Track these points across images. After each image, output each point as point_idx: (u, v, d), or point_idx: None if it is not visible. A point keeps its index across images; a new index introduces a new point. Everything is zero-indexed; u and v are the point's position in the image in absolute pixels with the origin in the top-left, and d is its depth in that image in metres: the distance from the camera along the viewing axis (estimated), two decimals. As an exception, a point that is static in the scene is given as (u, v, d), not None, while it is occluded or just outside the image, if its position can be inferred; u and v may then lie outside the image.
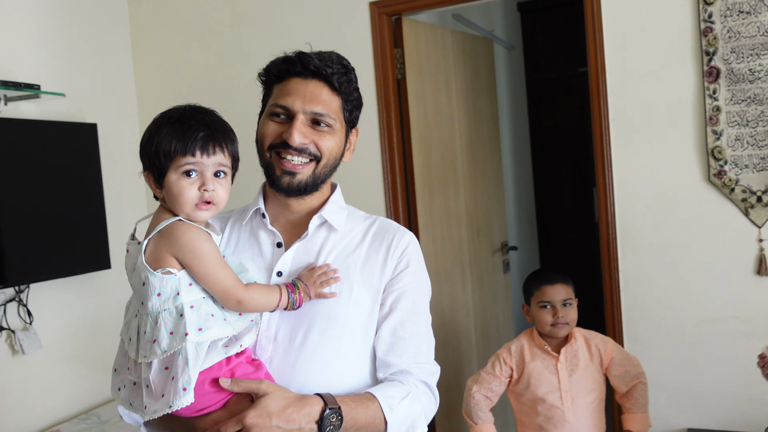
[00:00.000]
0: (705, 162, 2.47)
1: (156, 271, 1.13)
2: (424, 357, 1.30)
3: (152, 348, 1.11)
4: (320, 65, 1.25)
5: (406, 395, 1.22)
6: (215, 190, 1.16)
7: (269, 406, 1.10)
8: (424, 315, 1.32)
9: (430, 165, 3.08)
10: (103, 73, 3.26)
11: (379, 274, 1.28)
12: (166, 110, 1.22)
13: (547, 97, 5.40)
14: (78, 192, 2.90)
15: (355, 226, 1.33)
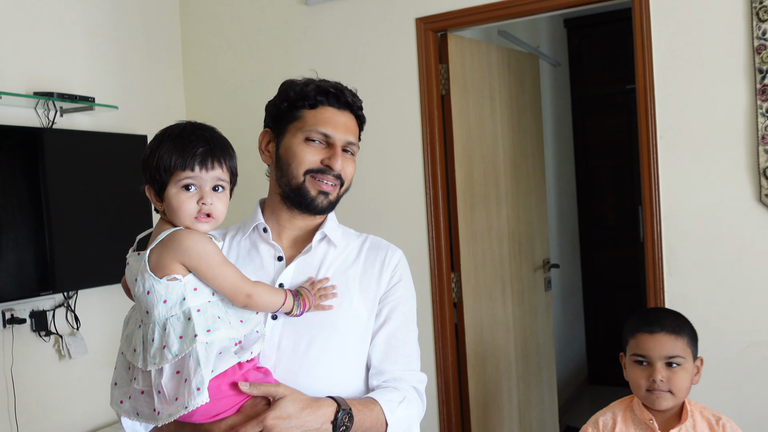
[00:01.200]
0: (756, 181, 2.41)
1: (161, 278, 1.17)
2: (415, 365, 1.39)
3: (162, 354, 1.14)
4: (354, 99, 1.38)
5: (402, 399, 1.31)
6: (213, 203, 1.20)
7: (287, 407, 1.15)
8: (413, 326, 1.42)
9: (473, 180, 3.07)
10: (154, 86, 3.35)
11: (375, 286, 1.37)
12: (168, 126, 1.25)
13: (593, 114, 5.34)
14: (126, 201, 2.97)
15: (350, 242, 1.42)
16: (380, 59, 3.03)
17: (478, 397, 3.05)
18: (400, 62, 2.98)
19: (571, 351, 5.09)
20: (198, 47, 3.49)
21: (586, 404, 4.98)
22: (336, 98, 1.37)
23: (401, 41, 2.98)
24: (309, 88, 1.37)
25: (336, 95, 1.37)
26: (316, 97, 1.36)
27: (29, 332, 2.69)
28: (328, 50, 3.14)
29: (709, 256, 2.49)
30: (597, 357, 5.39)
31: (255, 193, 3.43)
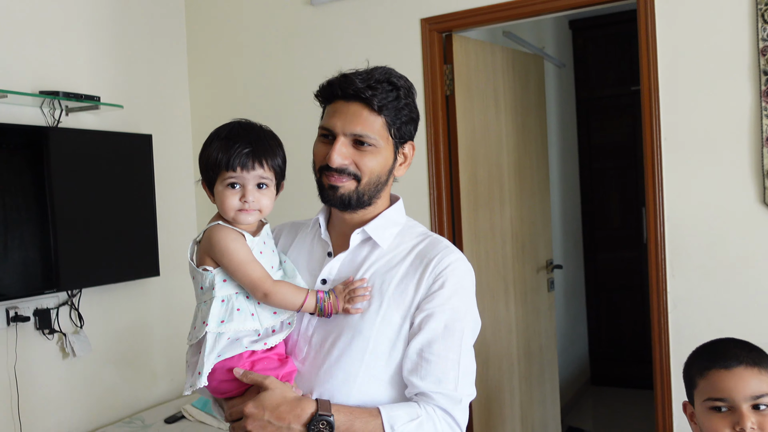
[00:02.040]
0: (760, 183, 2.40)
1: (199, 268, 1.29)
2: (451, 384, 1.25)
3: (192, 333, 1.29)
4: (360, 88, 1.27)
5: (415, 418, 1.22)
6: (255, 200, 1.28)
7: (266, 400, 1.19)
8: (457, 340, 1.27)
9: (477, 181, 3.07)
10: (160, 86, 3.36)
11: (412, 292, 1.28)
12: (220, 126, 1.34)
13: (597, 115, 5.34)
14: (131, 201, 2.98)
15: (404, 242, 1.35)
16: (385, 60, 3.02)
17: (481, 397, 3.05)
18: (404, 62, 2.99)
19: (574, 352, 5.09)
20: (203, 47, 3.50)
21: (588, 405, 4.98)
22: (342, 89, 1.30)
23: (406, 42, 2.98)
24: (325, 83, 1.34)
25: (341, 86, 1.30)
26: (327, 91, 1.34)
27: (33, 330, 2.70)
28: (333, 50, 3.15)
29: (712, 258, 2.49)
30: (600, 358, 5.39)
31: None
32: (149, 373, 3.24)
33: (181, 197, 3.47)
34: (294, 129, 3.22)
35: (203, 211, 3.52)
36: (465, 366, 1.28)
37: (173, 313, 3.37)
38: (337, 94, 1.31)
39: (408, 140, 1.39)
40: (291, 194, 1.58)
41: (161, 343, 3.31)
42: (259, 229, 1.35)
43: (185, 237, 3.47)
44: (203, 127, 3.52)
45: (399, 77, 1.35)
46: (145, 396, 3.20)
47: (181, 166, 3.48)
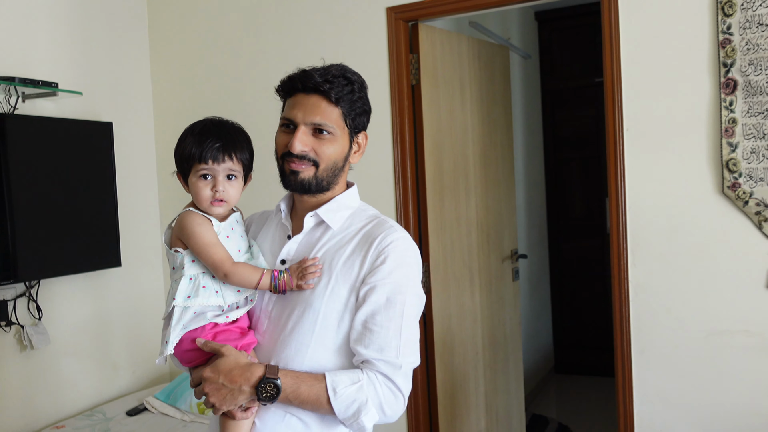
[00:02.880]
0: (719, 174, 2.45)
1: (171, 249, 1.45)
2: (392, 352, 1.36)
3: (166, 309, 1.45)
4: (319, 82, 1.40)
5: (356, 382, 1.34)
6: (225, 190, 1.44)
7: (220, 366, 1.34)
8: (399, 311, 1.37)
9: (442, 171, 3.08)
10: (120, 72, 3.29)
11: (358, 268, 1.40)
12: (194, 122, 1.49)
13: (562, 106, 5.39)
14: (91, 190, 2.92)
15: (354, 223, 1.47)
16: (350, 48, 3.02)
17: (446, 386, 3.07)
18: (370, 51, 2.97)
19: (538, 340, 5.15)
20: (165, 32, 3.43)
21: (552, 393, 5.05)
22: (301, 83, 1.43)
23: (372, 31, 2.97)
24: (286, 78, 1.47)
25: (300, 80, 1.43)
26: (288, 85, 1.46)
27: (-10, 322, 2.64)
28: (297, 38, 3.12)
29: (672, 246, 2.53)
30: (564, 346, 5.47)
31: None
32: (110, 365, 3.19)
33: (143, 186, 3.41)
34: (258, 117, 3.18)
35: (166, 200, 3.47)
36: (406, 335, 1.38)
37: (135, 304, 3.32)
38: (297, 87, 1.44)
39: (361, 130, 1.51)
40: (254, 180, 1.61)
41: (123, 334, 3.26)
42: (227, 216, 1.49)
43: (147, 227, 3.41)
44: (166, 115, 3.46)
45: (353, 73, 1.47)
46: (106, 389, 3.15)
47: (144, 155, 3.42)
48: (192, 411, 2.84)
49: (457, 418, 3.14)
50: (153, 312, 3.42)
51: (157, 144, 3.48)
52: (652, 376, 2.58)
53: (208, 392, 1.33)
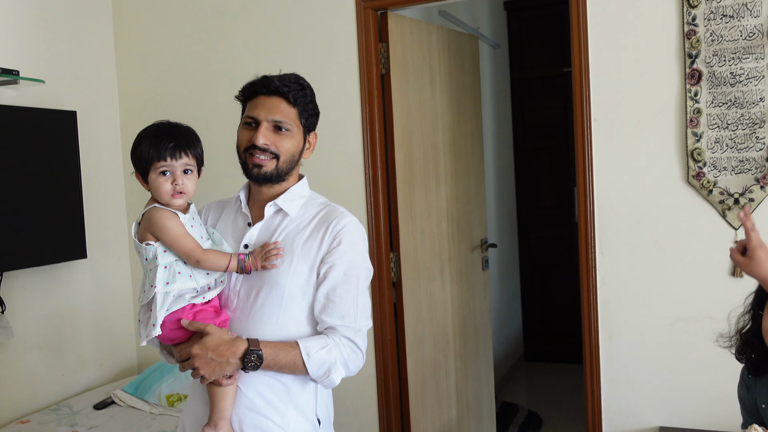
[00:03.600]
0: (684, 163, 2.49)
1: (142, 243, 1.58)
2: (351, 318, 1.61)
3: (142, 295, 1.58)
4: (279, 85, 1.62)
5: (325, 346, 1.58)
6: (183, 183, 1.58)
7: (207, 342, 1.52)
8: (354, 284, 1.62)
9: (412, 160, 3.07)
10: (84, 60, 3.22)
11: (316, 249, 1.62)
12: (146, 127, 1.62)
13: (531, 96, 5.42)
14: (55, 180, 2.86)
15: (308, 211, 1.68)
16: (319, 37, 2.99)
17: (417, 375, 3.08)
18: (339, 40, 2.95)
19: (508, 329, 5.20)
20: (130, 19, 3.36)
21: (522, 381, 5.11)
22: (263, 86, 1.63)
23: (341, 19, 2.94)
24: (248, 84, 1.66)
25: (262, 84, 1.63)
26: (251, 89, 1.66)
27: (-50, 316, 2.57)
28: (265, 27, 3.08)
29: (639, 235, 2.56)
30: (533, 335, 5.53)
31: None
32: (77, 358, 3.14)
33: (109, 177, 3.35)
34: (224, 106, 3.14)
35: (132, 190, 3.41)
36: (361, 303, 1.64)
37: (101, 296, 3.27)
38: (260, 91, 1.64)
39: (312, 130, 1.72)
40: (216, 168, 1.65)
41: (89, 327, 3.21)
42: (187, 208, 1.64)
43: (114, 218, 3.36)
44: (132, 104, 3.39)
45: (305, 80, 1.69)
46: (73, 382, 3.10)
47: (109, 144, 3.35)
48: (161, 404, 2.81)
49: (428, 407, 3.16)
50: (119, 304, 3.37)
51: (123, 133, 3.41)
52: (619, 362, 2.62)
53: (198, 366, 1.51)
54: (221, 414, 1.58)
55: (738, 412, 2.47)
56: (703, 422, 2.51)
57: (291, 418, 1.62)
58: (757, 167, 2.39)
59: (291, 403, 1.62)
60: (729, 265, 2.45)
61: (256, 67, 3.10)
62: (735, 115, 2.41)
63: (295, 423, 1.62)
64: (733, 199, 2.42)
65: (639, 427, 2.60)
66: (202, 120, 3.23)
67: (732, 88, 2.40)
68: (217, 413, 1.58)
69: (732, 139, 2.42)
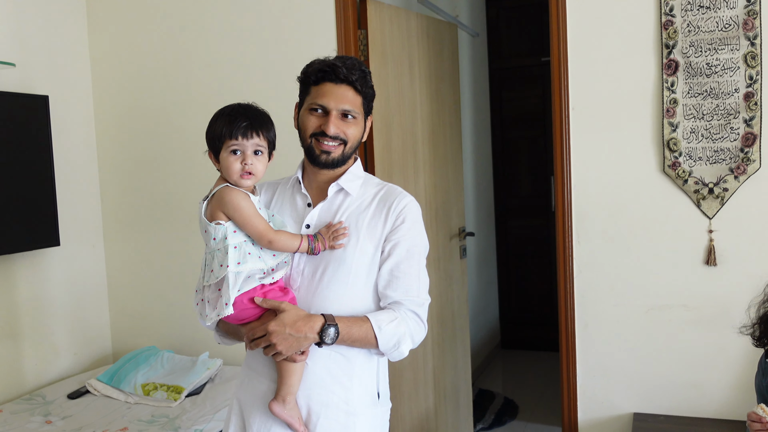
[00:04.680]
0: (660, 153, 2.51)
1: (212, 222, 1.59)
2: (414, 292, 1.67)
3: (210, 275, 1.59)
4: (347, 74, 1.64)
5: (394, 319, 1.62)
6: (253, 164, 1.60)
7: (285, 319, 1.55)
8: (416, 260, 1.68)
9: (391, 148, 3.06)
10: (57, 43, 3.15)
11: (381, 228, 1.67)
12: (223, 107, 1.64)
13: (509, 86, 5.43)
14: (27, 166, 2.81)
15: (367, 191, 1.73)
16: (298, 23, 2.96)
17: (394, 363, 3.09)
18: (318, 27, 2.92)
19: (485, 317, 5.23)
20: (103, 1, 3.30)
21: (499, 368, 5.15)
22: (332, 74, 1.64)
23: (320, 5, 2.91)
24: (312, 68, 1.68)
25: (332, 72, 1.64)
26: (318, 75, 1.66)
27: None
28: (244, 11, 3.04)
29: (615, 224, 2.59)
30: (510, 322, 5.57)
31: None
32: (50, 347, 3.10)
33: (82, 162, 3.29)
34: (198, 89, 3.10)
35: (106, 176, 3.36)
36: (423, 278, 1.70)
37: (75, 284, 3.22)
38: (328, 78, 1.65)
39: (370, 114, 1.76)
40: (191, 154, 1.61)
41: (63, 316, 3.16)
42: (254, 191, 1.68)
43: (87, 205, 3.31)
44: (105, 88, 3.34)
45: (365, 66, 1.71)
46: (46, 371, 3.06)
47: (82, 129, 3.30)
48: (136, 393, 2.79)
49: (406, 395, 3.17)
50: (94, 292, 3.33)
51: (96, 118, 3.36)
52: (594, 350, 2.64)
53: (276, 342, 1.54)
54: (290, 389, 1.61)
55: (710, 398, 2.52)
56: (677, 408, 2.55)
57: (355, 393, 1.66)
58: (731, 157, 2.42)
59: (356, 378, 1.67)
60: (703, 254, 2.48)
61: (233, 52, 3.06)
62: (710, 105, 2.43)
63: (358, 397, 1.67)
64: (707, 188, 2.45)
65: (613, 414, 2.63)
66: (178, 105, 3.19)
67: (708, 79, 2.43)
68: (286, 388, 1.61)
69: (707, 129, 2.44)
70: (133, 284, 3.35)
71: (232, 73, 3.06)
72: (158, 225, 3.28)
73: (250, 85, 3.02)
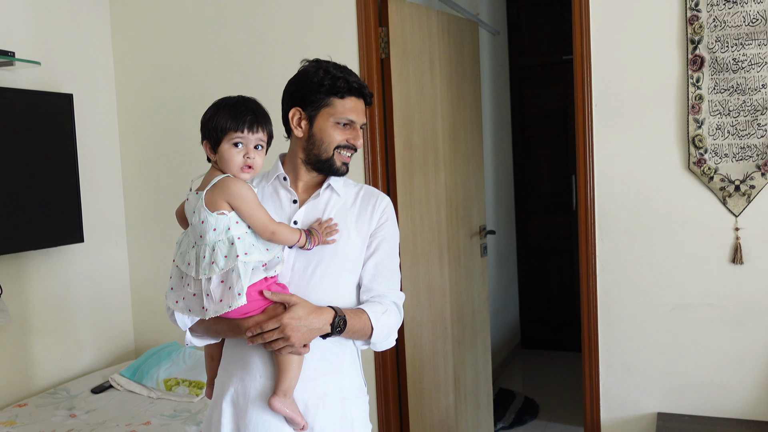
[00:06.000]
0: (685, 150, 2.48)
1: (213, 212, 1.55)
2: (395, 285, 1.77)
3: (211, 267, 1.54)
4: (368, 92, 1.75)
5: (385, 311, 1.70)
6: (254, 158, 1.59)
7: (298, 311, 1.56)
8: (395, 256, 1.78)
9: (412, 146, 3.06)
10: (80, 42, 3.18)
11: (367, 224, 1.75)
12: (224, 97, 1.63)
13: (530, 84, 5.40)
14: (52, 164, 2.84)
15: (348, 190, 1.79)
16: (319, 20, 2.96)
17: (414, 360, 3.08)
18: (339, 24, 2.92)
19: (505, 316, 5.20)
20: (126, 1, 3.33)
21: (519, 367, 5.12)
22: (358, 92, 1.72)
23: (341, 2, 2.91)
24: (340, 83, 1.69)
25: (359, 90, 1.72)
26: (345, 90, 1.70)
27: (-54, 299, 2.56)
28: (266, 9, 3.05)
29: (639, 222, 2.56)
30: (530, 322, 5.54)
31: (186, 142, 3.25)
32: (74, 342, 3.13)
33: (106, 160, 3.32)
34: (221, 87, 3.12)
35: (129, 174, 3.39)
36: (398, 272, 1.80)
37: (98, 280, 3.25)
38: (354, 93, 1.71)
39: None
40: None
41: (86, 312, 3.19)
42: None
43: (110, 202, 3.34)
44: (128, 87, 3.37)
45: None
46: (70, 366, 3.10)
47: (105, 127, 3.33)
48: (159, 388, 2.81)
49: (426, 393, 3.16)
50: (117, 288, 3.36)
51: (120, 116, 3.39)
52: (618, 348, 2.62)
53: (290, 334, 1.54)
54: (291, 383, 1.61)
55: (735, 398, 2.49)
56: (701, 408, 2.52)
57: (347, 381, 1.71)
58: (759, 154, 2.39)
59: (346, 368, 1.72)
60: (729, 252, 2.45)
61: (255, 49, 3.08)
62: (737, 101, 2.39)
63: (350, 386, 1.72)
64: (734, 186, 2.42)
65: (637, 414, 2.61)
66: (200, 102, 3.20)
67: (734, 75, 2.39)
68: (287, 382, 1.61)
69: (734, 126, 2.41)
70: (155, 281, 3.37)
71: (254, 70, 3.08)
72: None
73: (272, 81, 3.03)
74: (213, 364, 1.81)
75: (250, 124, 1.58)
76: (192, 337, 1.73)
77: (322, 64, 1.73)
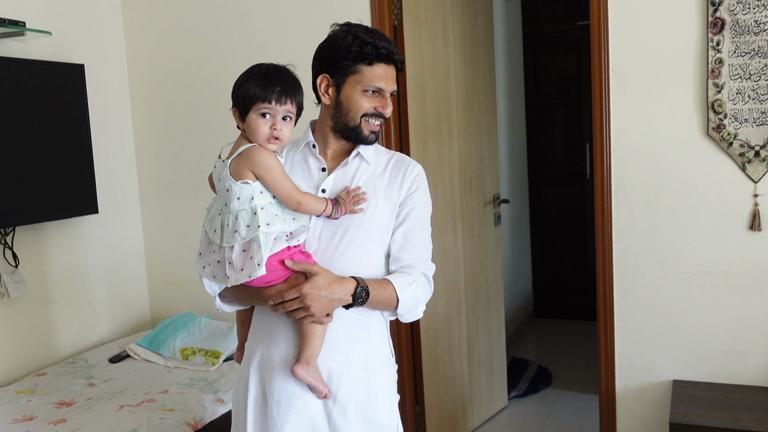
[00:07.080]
0: (704, 115, 2.44)
1: (237, 181, 1.55)
2: (425, 256, 1.73)
3: (234, 236, 1.55)
4: (397, 57, 1.68)
5: (412, 282, 1.66)
6: (282, 129, 1.57)
7: (319, 281, 1.55)
8: (426, 226, 1.75)
9: (425, 114, 3.03)
10: (91, 12, 3.16)
11: (397, 193, 1.71)
12: (256, 65, 1.60)
13: (543, 51, 5.32)
14: (64, 135, 2.84)
15: (379, 158, 1.75)
16: (330, -14, 2.92)
17: (429, 329, 3.09)
18: (351, -10, 2.88)
19: (519, 285, 5.20)
20: (136, -29, 3.29)
21: (532, 337, 5.13)
22: (387, 58, 1.65)
23: (352, -32, 2.87)
24: (368, 49, 1.64)
25: (388, 56, 1.65)
26: (373, 57, 1.65)
27: (-36, 270, 2.58)
28: (275, -24, 3.01)
29: (657, 189, 2.53)
30: (543, 291, 5.53)
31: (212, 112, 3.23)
32: (91, 312, 3.16)
33: (118, 131, 3.32)
34: (233, 57, 3.09)
35: (141, 144, 3.38)
36: (430, 244, 1.77)
37: (113, 251, 3.27)
38: (383, 59, 1.65)
39: None
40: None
41: (102, 282, 3.22)
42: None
43: (124, 172, 3.34)
44: (139, 55, 3.34)
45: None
46: (87, 336, 3.13)
47: (117, 97, 3.32)
48: (175, 357, 2.83)
49: (440, 362, 3.18)
50: (132, 259, 3.38)
51: (131, 86, 3.37)
52: (634, 316, 2.61)
53: (310, 304, 1.53)
54: (314, 351, 1.61)
55: (751, 365, 2.48)
56: (717, 375, 2.51)
57: (373, 351, 1.70)
58: (779, 119, 2.34)
59: (373, 338, 1.70)
60: (747, 219, 2.42)
61: (267, 17, 3.04)
62: (758, 65, 2.34)
63: (376, 355, 1.71)
64: (753, 151, 2.38)
65: (652, 381, 2.60)
66: (212, 71, 3.19)
67: (756, 37, 2.34)
68: (310, 350, 1.60)
69: (754, 90, 2.36)
70: (170, 251, 3.39)
71: (266, 38, 3.04)
72: (194, 191, 3.30)
73: (283, 50, 3.00)
74: (243, 329, 1.82)
75: (279, 95, 1.55)
76: (222, 303, 1.73)
77: (352, 29, 1.67)
